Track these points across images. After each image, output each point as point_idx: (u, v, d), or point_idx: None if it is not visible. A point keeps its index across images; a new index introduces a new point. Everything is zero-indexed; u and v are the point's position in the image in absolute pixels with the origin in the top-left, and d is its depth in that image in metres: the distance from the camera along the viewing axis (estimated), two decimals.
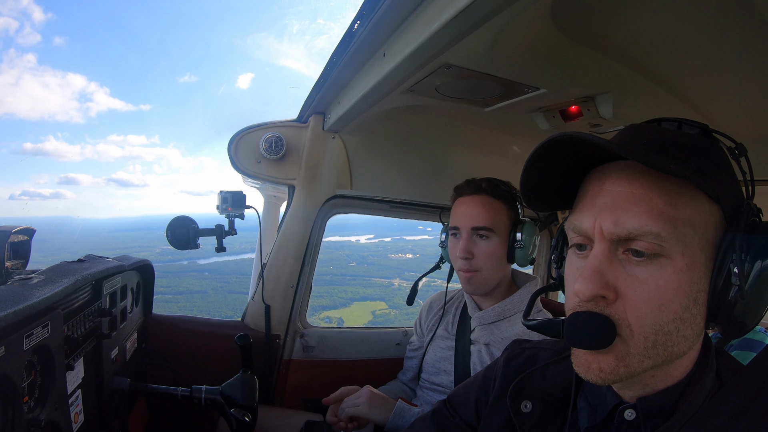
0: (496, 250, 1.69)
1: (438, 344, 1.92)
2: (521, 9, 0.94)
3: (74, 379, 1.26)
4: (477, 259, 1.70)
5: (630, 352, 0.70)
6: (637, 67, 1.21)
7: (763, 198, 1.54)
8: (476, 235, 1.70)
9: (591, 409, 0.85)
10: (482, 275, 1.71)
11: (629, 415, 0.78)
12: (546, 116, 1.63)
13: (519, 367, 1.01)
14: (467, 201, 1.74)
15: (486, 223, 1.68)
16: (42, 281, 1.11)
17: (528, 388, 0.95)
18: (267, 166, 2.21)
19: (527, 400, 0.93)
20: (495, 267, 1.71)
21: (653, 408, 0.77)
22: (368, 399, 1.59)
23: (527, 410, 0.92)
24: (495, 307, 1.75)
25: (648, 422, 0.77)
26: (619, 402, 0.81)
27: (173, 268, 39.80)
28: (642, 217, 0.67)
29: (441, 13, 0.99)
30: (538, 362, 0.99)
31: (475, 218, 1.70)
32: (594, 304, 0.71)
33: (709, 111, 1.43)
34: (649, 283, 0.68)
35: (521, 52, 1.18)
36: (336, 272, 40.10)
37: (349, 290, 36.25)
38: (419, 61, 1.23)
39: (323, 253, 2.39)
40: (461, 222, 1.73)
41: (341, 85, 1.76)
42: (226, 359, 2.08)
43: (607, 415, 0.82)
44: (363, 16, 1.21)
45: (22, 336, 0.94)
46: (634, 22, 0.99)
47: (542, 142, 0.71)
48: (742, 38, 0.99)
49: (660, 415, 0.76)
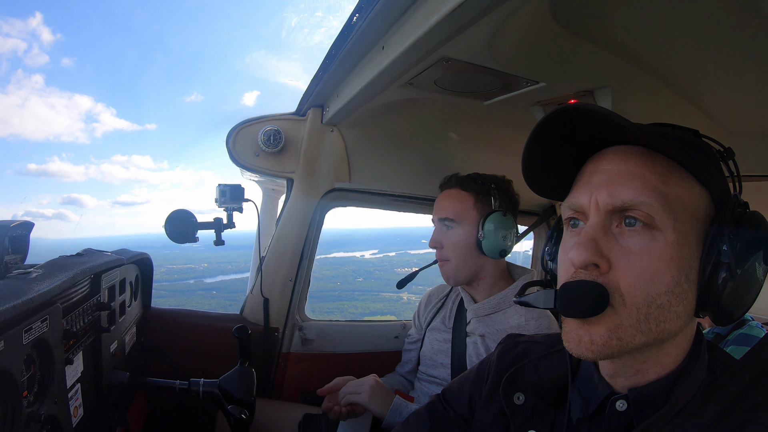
0: (460, 240, 1.76)
1: (435, 337, 1.94)
2: (520, 2, 0.94)
3: (73, 373, 1.26)
4: (445, 249, 1.79)
5: (623, 324, 0.71)
6: (637, 61, 1.21)
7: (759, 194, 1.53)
8: (444, 225, 1.80)
9: (583, 400, 0.85)
10: (452, 264, 1.79)
11: (621, 406, 0.79)
12: (545, 110, 1.63)
13: (512, 361, 1.02)
14: (440, 195, 1.87)
15: (448, 214, 1.78)
16: (40, 275, 1.11)
17: (521, 380, 0.95)
18: (265, 159, 2.20)
19: (520, 393, 0.93)
20: (464, 257, 1.77)
21: (645, 399, 0.77)
22: (371, 389, 1.60)
23: (520, 402, 0.92)
24: (490, 299, 1.78)
25: (639, 413, 0.77)
26: (611, 393, 0.81)
27: (180, 287, 39.78)
28: (636, 190, 0.71)
29: (440, 6, 0.99)
30: (531, 355, 1.00)
31: (441, 209, 1.81)
32: (588, 273, 0.72)
33: (707, 106, 1.43)
34: (642, 254, 0.70)
35: (520, 45, 1.18)
36: (344, 288, 40.13)
37: (359, 305, 36.06)
38: (418, 54, 1.23)
39: (330, 269, 2.40)
40: (433, 215, 1.86)
41: (340, 79, 1.75)
42: (224, 352, 2.09)
43: (599, 406, 0.82)
44: (362, 9, 1.20)
45: (21, 330, 0.94)
46: (634, 16, 0.99)
47: (552, 111, 0.74)
48: (742, 33, 0.99)
49: (651, 407, 0.76)
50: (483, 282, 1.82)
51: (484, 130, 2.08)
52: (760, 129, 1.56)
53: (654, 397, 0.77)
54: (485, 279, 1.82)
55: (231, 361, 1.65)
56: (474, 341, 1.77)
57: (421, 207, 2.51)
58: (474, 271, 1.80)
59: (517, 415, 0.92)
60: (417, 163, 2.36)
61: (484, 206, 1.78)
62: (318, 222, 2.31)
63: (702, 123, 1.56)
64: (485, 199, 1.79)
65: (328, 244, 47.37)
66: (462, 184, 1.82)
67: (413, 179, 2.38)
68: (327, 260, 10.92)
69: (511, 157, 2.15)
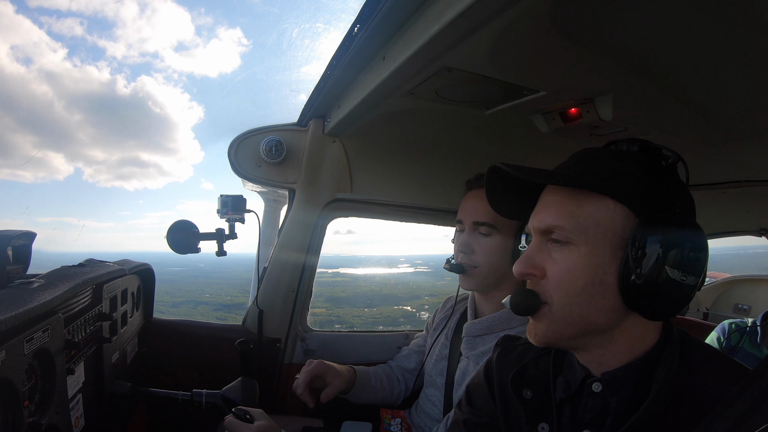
0: (497, 248, 1.65)
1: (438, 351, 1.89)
2: (520, 11, 0.94)
3: (75, 383, 1.26)
4: (476, 254, 1.66)
5: (554, 319, 0.90)
6: (636, 69, 1.21)
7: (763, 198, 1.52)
8: (478, 230, 1.67)
9: (566, 383, 1.00)
10: (480, 271, 1.67)
11: (596, 388, 0.94)
12: (546, 118, 1.63)
13: (515, 360, 1.14)
14: (474, 195, 1.71)
15: (488, 219, 1.64)
16: (42, 285, 1.11)
17: (526, 377, 1.07)
18: (267, 169, 2.21)
19: (527, 388, 1.05)
20: (496, 265, 1.66)
21: (616, 381, 0.91)
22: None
23: (528, 397, 1.04)
24: (483, 320, 1.71)
25: (614, 394, 0.91)
26: (588, 375, 0.96)
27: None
28: (553, 215, 0.90)
29: (440, 16, 1.00)
30: (531, 354, 1.12)
31: (477, 212, 1.66)
32: (530, 282, 0.94)
33: (707, 111, 1.44)
34: (561, 263, 0.89)
35: (521, 54, 1.18)
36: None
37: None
38: (419, 64, 1.24)
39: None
40: (464, 215, 1.71)
41: (341, 89, 1.76)
42: (226, 363, 2.08)
43: (578, 387, 0.97)
44: (363, 20, 1.22)
45: (22, 340, 0.94)
46: (634, 24, 1.00)
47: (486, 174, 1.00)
48: (741, 39, 0.99)
49: (624, 389, 0.90)
50: (499, 292, 1.71)
51: (485, 140, 2.08)
52: (758, 134, 1.57)
53: (625, 379, 0.90)
54: (504, 289, 1.71)
55: (233, 372, 1.64)
56: (465, 364, 1.70)
57: (423, 217, 2.51)
58: (499, 279, 1.70)
59: (529, 408, 1.03)
60: (418, 173, 2.36)
61: None
62: (320, 232, 2.31)
63: (702, 128, 1.56)
64: None
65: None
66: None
67: (415, 189, 2.38)
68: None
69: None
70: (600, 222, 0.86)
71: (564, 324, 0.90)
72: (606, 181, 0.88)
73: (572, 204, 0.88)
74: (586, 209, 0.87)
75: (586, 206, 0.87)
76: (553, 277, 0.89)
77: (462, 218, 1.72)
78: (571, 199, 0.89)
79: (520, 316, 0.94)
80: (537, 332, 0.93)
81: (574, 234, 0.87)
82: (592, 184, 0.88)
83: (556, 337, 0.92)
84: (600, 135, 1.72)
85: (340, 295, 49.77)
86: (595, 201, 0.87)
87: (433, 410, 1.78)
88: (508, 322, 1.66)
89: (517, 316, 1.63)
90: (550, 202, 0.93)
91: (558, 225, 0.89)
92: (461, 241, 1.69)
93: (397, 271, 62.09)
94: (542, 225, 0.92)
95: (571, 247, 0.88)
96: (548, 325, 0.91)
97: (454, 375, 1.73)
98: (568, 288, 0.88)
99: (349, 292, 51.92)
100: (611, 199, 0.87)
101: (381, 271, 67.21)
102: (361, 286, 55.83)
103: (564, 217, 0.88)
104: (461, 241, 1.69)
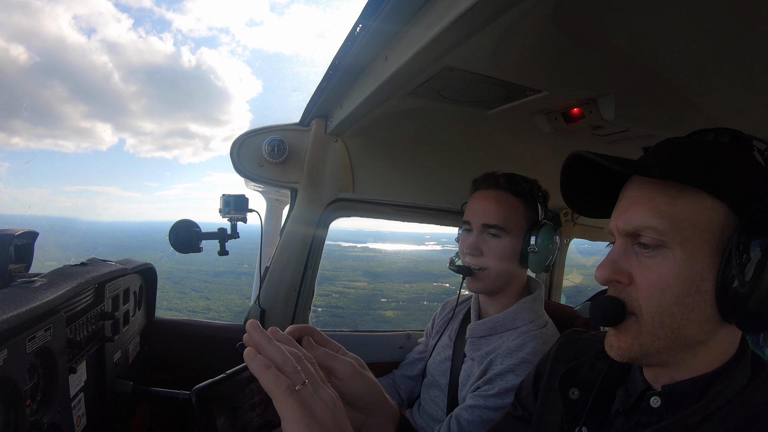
0: (506, 250, 1.62)
1: (440, 352, 1.87)
2: (523, 11, 0.94)
3: (77, 382, 1.26)
4: (485, 257, 1.63)
5: (642, 331, 0.79)
6: (639, 68, 1.21)
7: None
8: (487, 232, 1.64)
9: (626, 394, 0.92)
10: (489, 273, 1.64)
11: (655, 403, 0.85)
12: (548, 118, 1.63)
13: (573, 355, 1.08)
14: (482, 195, 1.68)
15: (498, 221, 1.61)
16: (45, 284, 1.11)
17: (577, 376, 1.01)
18: (269, 169, 2.21)
19: (575, 388, 0.99)
20: (504, 267, 1.63)
21: (677, 395, 0.82)
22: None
23: (574, 397, 0.99)
24: (487, 321, 1.68)
25: (671, 410, 0.82)
26: (647, 387, 0.88)
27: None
28: (644, 215, 0.79)
29: (443, 17, 1.00)
30: (590, 353, 1.06)
31: (487, 214, 1.63)
32: (613, 288, 0.83)
33: (710, 112, 1.43)
34: (653, 270, 0.78)
35: (523, 54, 1.18)
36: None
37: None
38: (421, 64, 1.23)
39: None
40: (473, 217, 1.67)
41: (343, 89, 1.76)
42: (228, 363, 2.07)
43: (636, 400, 0.89)
44: (365, 20, 1.21)
45: (24, 339, 0.94)
46: (636, 24, 0.99)
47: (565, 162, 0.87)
48: (744, 39, 0.99)
49: (683, 404, 0.81)
50: (505, 294, 1.70)
51: (488, 139, 2.08)
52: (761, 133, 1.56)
53: (686, 394, 0.81)
54: (510, 291, 1.70)
55: None
56: (469, 365, 1.67)
57: (425, 217, 2.51)
58: (507, 281, 1.68)
59: (571, 409, 0.98)
60: (421, 173, 2.36)
61: (532, 215, 1.65)
62: (322, 232, 2.31)
63: (704, 128, 1.55)
64: (533, 207, 1.65)
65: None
66: (512, 187, 1.63)
67: (417, 189, 2.38)
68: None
69: (516, 166, 2.16)
70: (697, 222, 0.76)
71: (653, 337, 0.79)
72: (704, 175, 0.76)
73: (664, 201, 0.78)
74: (681, 207, 0.76)
75: (680, 203, 0.77)
76: (644, 284, 0.79)
77: (470, 219, 1.68)
78: (662, 196, 0.78)
79: (525, 316, 0.90)
80: (621, 345, 0.82)
81: (668, 236, 0.76)
82: (693, 177, 0.76)
83: (642, 352, 0.81)
84: (602, 135, 1.72)
85: (376, 269, 48.90)
86: (690, 197, 0.76)
87: (437, 411, 1.77)
88: (512, 323, 1.64)
89: (522, 316, 1.64)
90: (638, 198, 0.81)
91: (649, 226, 0.78)
92: (469, 243, 1.65)
93: (425, 248, 61.52)
94: (630, 226, 0.81)
95: (664, 251, 0.78)
96: (635, 338, 0.81)
97: (458, 376, 1.71)
98: (662, 298, 0.77)
99: (385, 267, 51.00)
100: (709, 195, 0.76)
101: (409, 248, 66.42)
102: (396, 262, 54.88)
103: (656, 216, 0.77)
104: (469, 243, 1.65)
